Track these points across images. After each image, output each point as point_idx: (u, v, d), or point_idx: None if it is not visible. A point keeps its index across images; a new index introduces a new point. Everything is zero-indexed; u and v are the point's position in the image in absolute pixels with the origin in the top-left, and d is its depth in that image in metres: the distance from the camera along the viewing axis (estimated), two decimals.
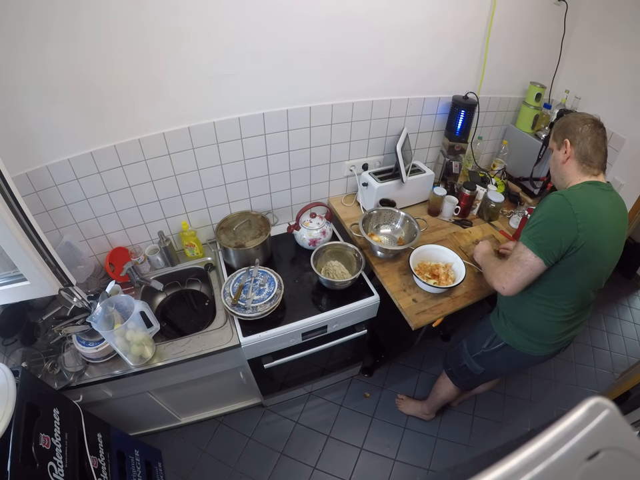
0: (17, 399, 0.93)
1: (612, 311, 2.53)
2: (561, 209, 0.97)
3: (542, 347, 1.20)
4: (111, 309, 1.18)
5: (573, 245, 0.97)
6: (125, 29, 1.07)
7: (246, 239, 1.50)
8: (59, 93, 1.10)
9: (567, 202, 0.97)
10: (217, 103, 1.33)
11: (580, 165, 1.05)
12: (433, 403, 1.75)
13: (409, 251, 1.45)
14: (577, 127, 1.04)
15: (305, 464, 1.71)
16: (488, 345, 1.29)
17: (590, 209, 0.97)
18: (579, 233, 0.96)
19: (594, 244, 0.98)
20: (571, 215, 0.95)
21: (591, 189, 1.02)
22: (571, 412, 0.26)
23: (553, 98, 1.92)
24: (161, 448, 1.72)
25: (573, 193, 1.00)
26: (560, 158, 1.09)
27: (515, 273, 1.05)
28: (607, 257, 1.05)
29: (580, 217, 0.95)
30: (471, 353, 1.37)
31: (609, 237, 1.02)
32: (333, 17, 1.29)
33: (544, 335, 1.18)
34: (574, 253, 0.98)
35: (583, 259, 1.00)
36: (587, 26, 1.71)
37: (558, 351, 1.25)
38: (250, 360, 1.41)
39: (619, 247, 1.08)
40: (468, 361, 1.39)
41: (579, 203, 0.97)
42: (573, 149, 1.05)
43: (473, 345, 1.37)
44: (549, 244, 0.99)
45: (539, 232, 1.00)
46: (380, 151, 1.78)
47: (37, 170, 1.20)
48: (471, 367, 1.39)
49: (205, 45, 1.19)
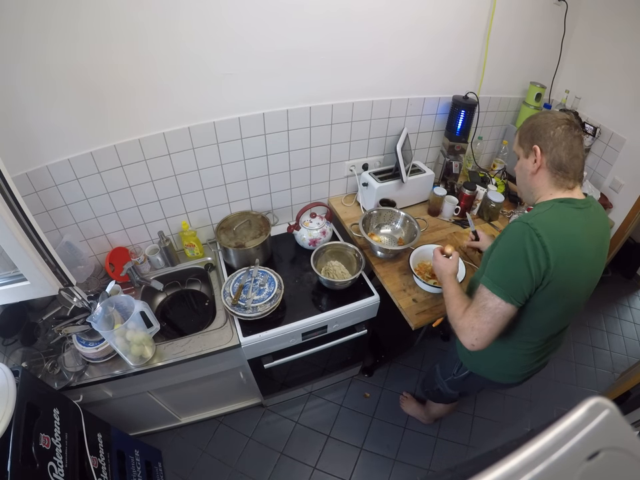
0: (17, 399, 0.93)
1: (612, 311, 2.53)
2: (527, 241, 0.82)
3: (510, 377, 1.12)
4: (111, 308, 1.18)
5: (543, 280, 0.84)
6: (125, 28, 1.07)
7: (246, 239, 1.50)
8: (59, 93, 1.10)
9: (534, 233, 0.81)
10: (217, 103, 1.33)
11: (553, 176, 0.89)
12: (430, 414, 1.76)
13: (409, 250, 1.45)
14: (547, 130, 0.87)
15: (305, 464, 1.71)
16: (457, 371, 1.24)
17: (562, 238, 0.83)
18: (549, 267, 0.82)
19: (567, 275, 0.85)
20: (539, 248, 0.81)
21: (563, 209, 0.87)
22: (570, 412, 0.26)
23: (553, 98, 1.92)
24: (161, 448, 1.72)
25: (541, 218, 0.84)
26: (528, 168, 0.92)
27: (486, 325, 0.88)
28: (582, 286, 0.92)
29: (549, 248, 0.81)
30: (444, 378, 1.35)
31: (584, 264, 0.88)
32: (333, 16, 1.29)
33: (511, 367, 1.08)
34: (544, 289, 0.85)
35: (554, 293, 0.87)
36: (587, 26, 1.71)
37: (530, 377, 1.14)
38: (250, 360, 1.41)
39: (597, 270, 0.94)
40: (441, 385, 1.38)
41: (549, 231, 0.82)
42: (544, 157, 0.89)
43: (444, 370, 1.34)
44: (518, 285, 0.84)
45: (504, 272, 0.86)
46: (380, 150, 1.78)
47: (37, 170, 1.20)
48: (444, 391, 1.38)
49: (205, 45, 1.19)
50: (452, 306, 1.00)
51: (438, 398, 1.49)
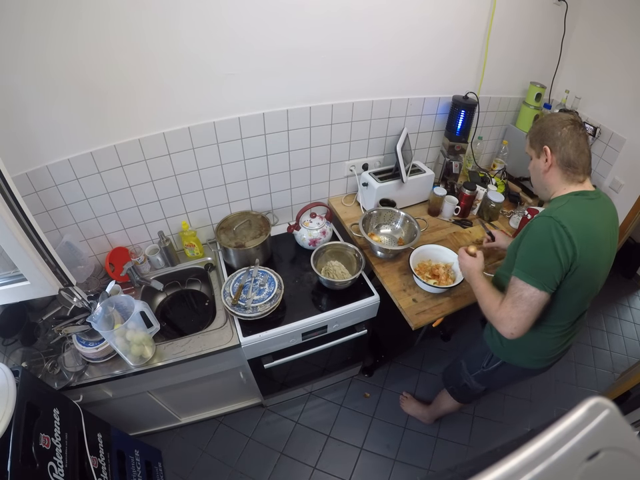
0: (17, 399, 0.93)
1: (612, 311, 2.53)
2: (554, 232, 0.89)
3: (540, 362, 1.18)
4: (110, 308, 1.18)
5: (571, 266, 0.91)
6: (125, 28, 1.07)
7: (246, 239, 1.50)
8: (59, 93, 1.10)
9: (559, 224, 0.89)
10: (217, 103, 1.33)
11: (564, 172, 0.98)
12: (435, 413, 1.75)
13: (409, 250, 1.45)
14: (555, 131, 0.96)
15: (305, 464, 1.71)
16: (487, 364, 1.26)
17: (583, 226, 0.91)
18: (576, 255, 0.89)
19: (590, 261, 0.93)
20: (565, 238, 0.88)
21: (579, 201, 0.95)
22: (570, 412, 0.26)
23: (553, 98, 1.92)
24: (161, 448, 1.72)
25: (562, 211, 0.92)
26: (541, 167, 1.01)
27: (523, 314, 0.95)
28: (601, 271, 1.01)
29: (574, 238, 0.88)
30: (471, 372, 1.35)
31: (603, 250, 0.98)
32: (333, 16, 1.29)
33: (541, 352, 1.15)
34: (572, 274, 0.93)
35: (580, 278, 0.94)
36: (587, 26, 1.71)
37: (557, 361, 1.22)
38: (250, 360, 1.41)
39: (611, 254, 1.03)
40: (468, 380, 1.37)
41: (572, 223, 0.89)
42: (554, 156, 0.97)
43: (472, 364, 1.34)
44: (549, 274, 0.92)
45: (536, 263, 0.93)
46: (380, 151, 1.78)
47: (37, 170, 1.20)
48: (472, 385, 1.37)
49: (205, 45, 1.19)
50: (486, 300, 1.07)
51: (464, 394, 1.48)
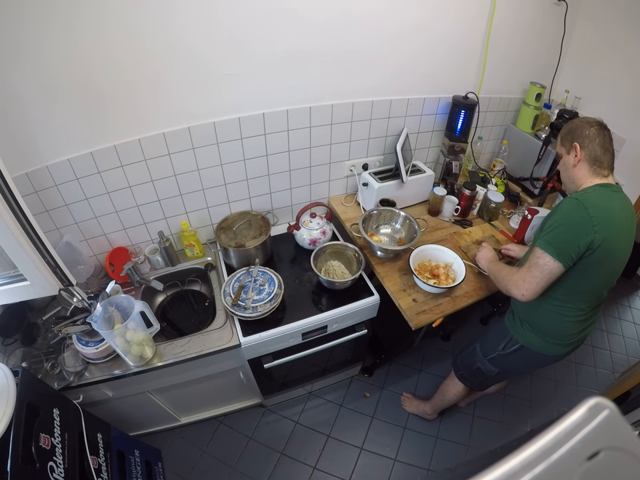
0: (17, 399, 0.93)
1: (612, 311, 2.53)
2: (577, 212, 1.00)
3: (559, 347, 1.22)
4: (110, 308, 1.18)
5: (590, 246, 1.00)
6: (125, 28, 1.07)
7: (246, 239, 1.50)
8: (59, 92, 1.10)
9: (582, 205, 0.99)
10: (217, 103, 1.32)
11: (591, 167, 1.08)
12: (439, 405, 1.75)
13: (409, 250, 1.45)
14: (583, 130, 1.08)
15: (305, 464, 1.71)
16: (504, 347, 1.29)
17: (604, 211, 1.00)
18: (596, 235, 0.98)
19: (609, 244, 1.01)
20: (587, 218, 0.98)
21: (603, 191, 1.05)
22: (571, 412, 0.26)
23: (553, 98, 1.92)
24: (161, 448, 1.72)
25: (587, 196, 1.02)
26: (571, 162, 1.12)
27: (534, 278, 1.05)
28: (620, 256, 1.09)
29: (596, 219, 0.98)
30: (485, 356, 1.37)
31: (622, 237, 1.06)
32: (333, 18, 1.29)
33: (561, 335, 1.19)
34: (590, 254, 1.01)
35: (599, 259, 1.02)
36: (587, 26, 1.71)
37: (573, 350, 1.26)
38: (250, 360, 1.41)
39: (629, 246, 1.11)
40: (482, 364, 1.39)
41: (594, 205, 0.99)
42: (583, 152, 1.08)
43: (488, 347, 1.37)
44: (567, 247, 1.00)
45: (556, 236, 1.02)
46: (380, 151, 1.78)
47: (37, 170, 1.20)
48: (485, 368, 1.39)
49: (206, 45, 1.19)
50: (503, 271, 1.21)
51: (475, 379, 1.49)
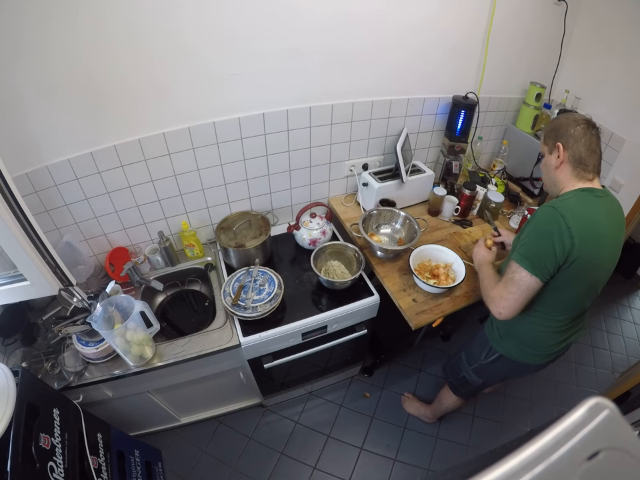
0: (17, 399, 0.93)
1: (612, 311, 2.53)
2: (554, 221, 0.92)
3: (537, 357, 1.18)
4: (110, 308, 1.18)
5: (567, 258, 0.93)
6: (125, 28, 1.07)
7: (246, 239, 1.50)
8: (59, 92, 1.10)
9: (559, 214, 0.92)
10: (217, 103, 1.33)
11: (574, 169, 1.00)
12: (438, 411, 1.75)
13: (409, 250, 1.45)
14: (569, 128, 0.99)
15: (305, 464, 1.71)
16: (485, 356, 1.28)
17: (584, 220, 0.93)
18: (574, 247, 0.91)
19: (589, 255, 0.94)
20: (564, 228, 0.91)
21: (585, 196, 0.97)
22: (570, 412, 0.26)
23: (553, 98, 1.92)
24: (161, 448, 1.72)
25: (565, 203, 0.95)
26: (552, 163, 1.04)
27: (512, 295, 1.00)
28: (603, 267, 1.02)
29: (575, 229, 0.91)
30: (470, 365, 1.36)
31: (605, 247, 0.98)
32: (334, 18, 1.29)
33: (539, 346, 1.16)
34: (569, 267, 0.95)
35: (578, 271, 0.96)
36: (587, 26, 1.71)
37: (555, 359, 1.23)
38: (250, 360, 1.41)
39: (615, 255, 1.03)
40: (467, 373, 1.38)
41: (573, 214, 0.92)
42: (566, 153, 0.99)
43: (471, 356, 1.36)
44: (543, 260, 0.94)
45: (531, 249, 0.96)
46: (380, 151, 1.78)
47: (37, 170, 1.20)
48: (470, 378, 1.38)
49: (206, 45, 1.19)
50: (485, 281, 1.14)
51: (461, 388, 1.49)
